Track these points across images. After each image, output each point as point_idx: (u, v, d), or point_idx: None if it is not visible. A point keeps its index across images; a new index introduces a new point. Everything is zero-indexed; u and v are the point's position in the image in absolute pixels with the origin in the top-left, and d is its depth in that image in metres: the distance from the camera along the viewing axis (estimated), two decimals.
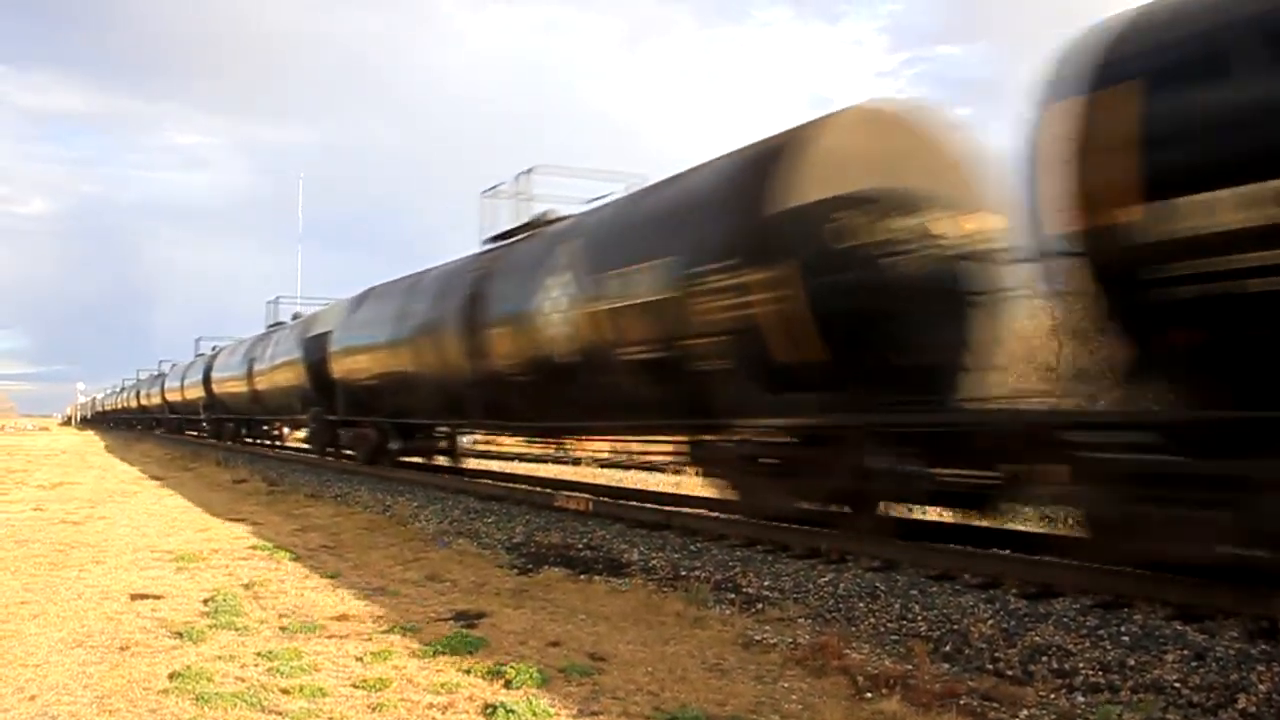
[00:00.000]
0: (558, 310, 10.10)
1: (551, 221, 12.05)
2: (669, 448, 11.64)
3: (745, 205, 7.73)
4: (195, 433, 38.54)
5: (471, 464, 17.68)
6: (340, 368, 17.31)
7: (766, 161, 7.73)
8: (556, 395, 10.72)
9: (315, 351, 19.29)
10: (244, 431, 30.03)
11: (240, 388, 26.76)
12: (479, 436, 18.99)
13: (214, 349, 35.36)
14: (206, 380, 31.67)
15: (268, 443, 29.00)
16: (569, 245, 10.36)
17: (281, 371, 22.44)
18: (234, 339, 32.23)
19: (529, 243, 11.94)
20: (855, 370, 7.16)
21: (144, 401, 51.90)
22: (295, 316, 25.37)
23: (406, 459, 16.61)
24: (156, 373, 50.38)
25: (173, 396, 40.55)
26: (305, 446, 24.62)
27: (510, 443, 22.04)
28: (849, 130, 7.69)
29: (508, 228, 13.11)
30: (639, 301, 8.77)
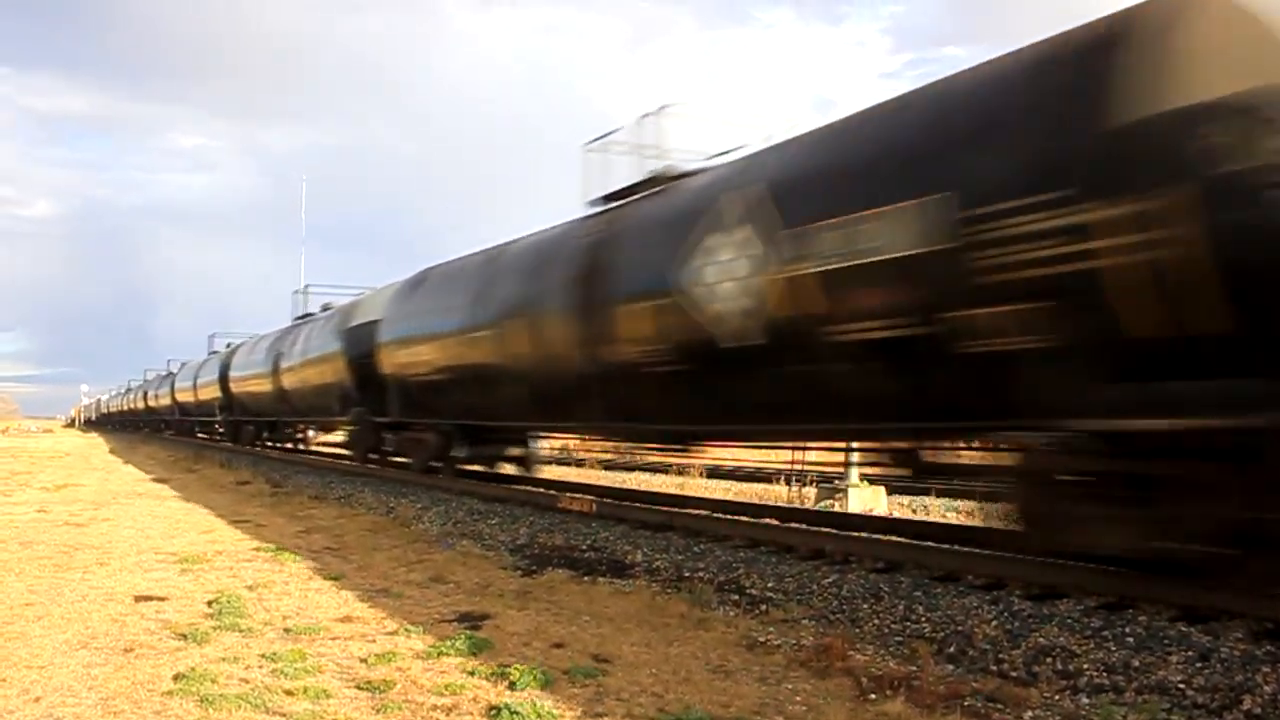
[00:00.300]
0: (730, 278, 7.53)
1: (684, 175, 9.35)
2: (865, 457, 9.03)
3: (1080, 112, 5.38)
4: (205, 435, 36.34)
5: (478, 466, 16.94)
6: (393, 362, 14.71)
7: (1108, 49, 5.42)
8: (717, 390, 8.14)
9: (359, 344, 16.82)
10: (266, 435, 26.94)
11: (264, 386, 24.09)
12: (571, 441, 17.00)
13: (229, 346, 32.53)
14: (223, 379, 28.93)
15: (289, 446, 26.43)
16: (742, 194, 7.68)
17: (315, 367, 19.73)
18: (254, 335, 29.26)
19: (665, 198, 9.19)
20: (1275, 348, 4.87)
21: (152, 403, 49.32)
22: (325, 308, 22.20)
23: (472, 467, 14.21)
24: (165, 372, 47.48)
25: (184, 397, 37.80)
26: (338, 452, 22.51)
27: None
28: (1211, 12, 5.47)
29: (628, 183, 10.06)
30: (876, 260, 6.40)
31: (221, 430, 32.42)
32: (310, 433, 25.99)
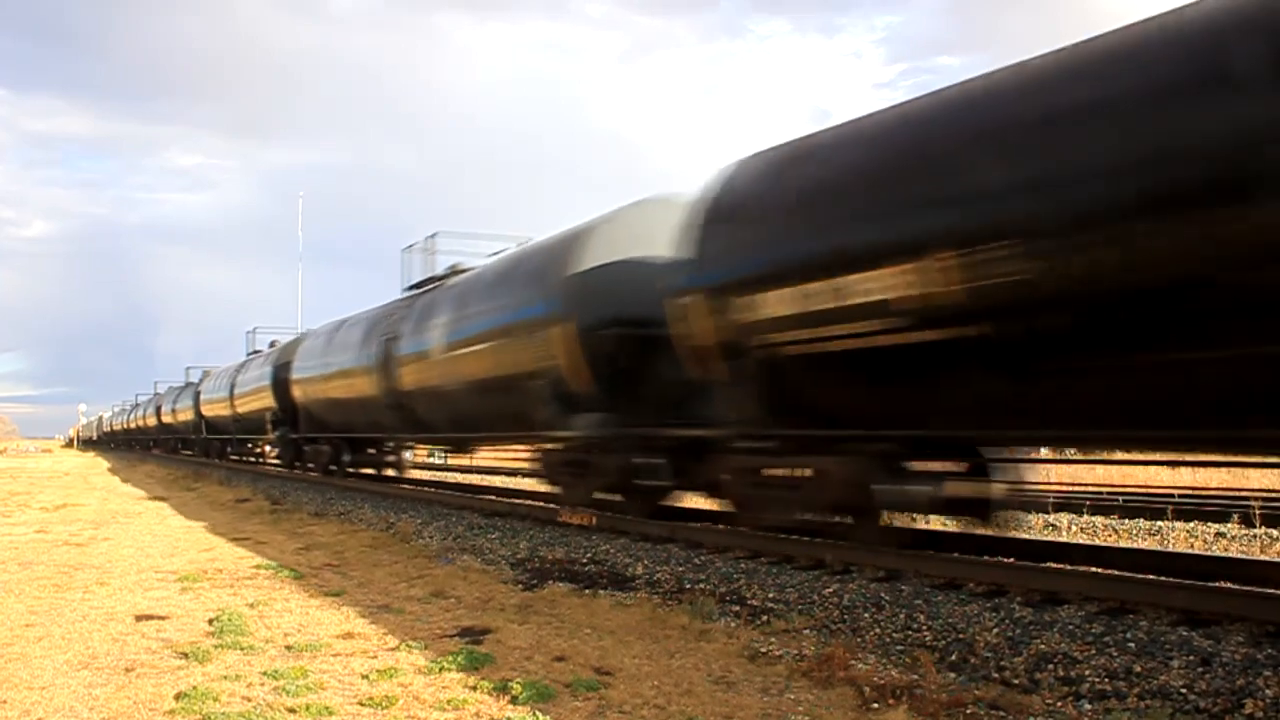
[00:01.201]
0: None
1: None
2: None
3: None
4: (238, 457, 30.64)
5: (475, 480, 15.61)
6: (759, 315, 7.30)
7: None
8: None
9: (614, 303, 9.78)
10: (348, 458, 19.01)
11: (360, 389, 16.45)
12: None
13: (273, 345, 26.20)
14: (279, 384, 22.02)
15: (368, 473, 19.08)
16: None
17: (483, 351, 11.72)
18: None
19: None
20: None
21: (167, 418, 42.12)
22: (454, 269, 14.90)
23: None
24: (184, 383, 40.91)
25: (213, 410, 30.56)
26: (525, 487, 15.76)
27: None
28: None
29: None
30: None
31: (266, 452, 26.08)
32: (407, 455, 19.19)
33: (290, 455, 22.55)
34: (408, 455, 19.24)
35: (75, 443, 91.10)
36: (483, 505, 13.02)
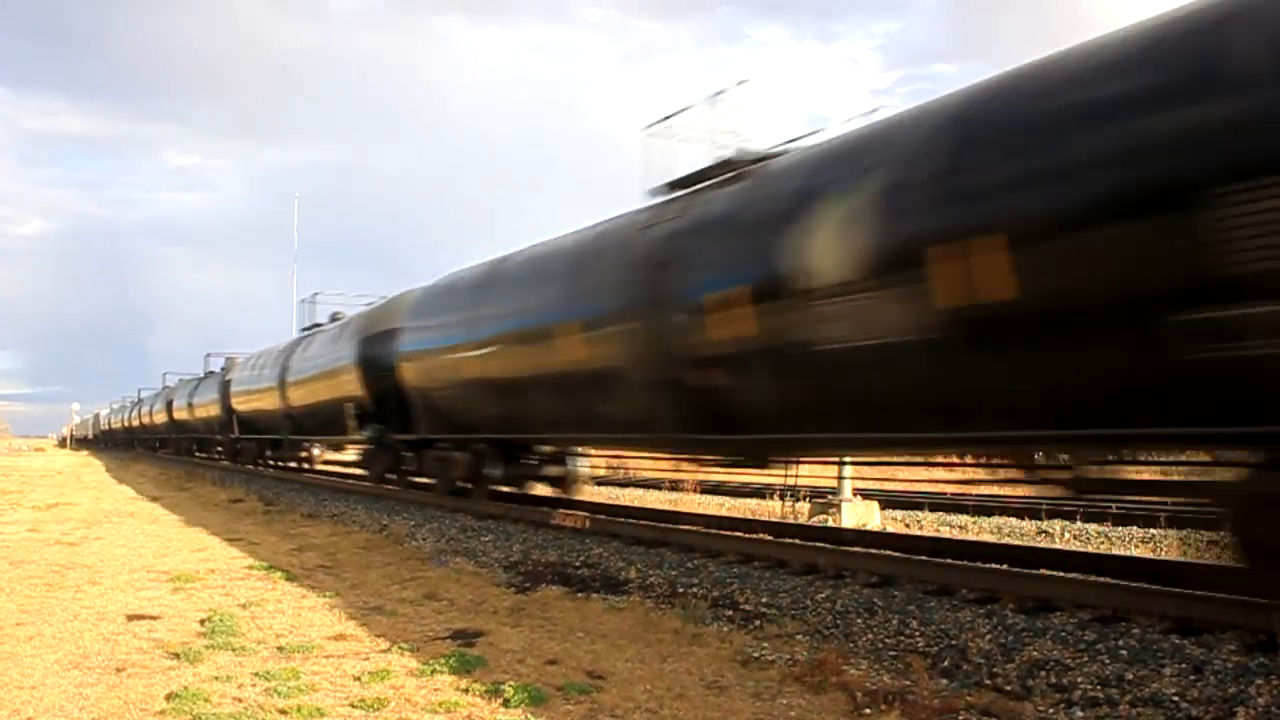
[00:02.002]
0: None
1: None
2: None
3: None
4: (278, 463, 24.04)
5: None
6: None
7: None
8: None
9: None
10: (498, 472, 12.63)
11: (566, 358, 9.81)
12: None
13: (333, 316, 20.11)
14: (370, 364, 15.76)
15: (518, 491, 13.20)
16: None
17: (1031, 260, 5.14)
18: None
19: None
20: None
21: (181, 415, 34.97)
22: (736, 163, 8.08)
23: None
24: (204, 373, 33.28)
25: (250, 403, 23.86)
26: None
27: None
28: None
29: None
30: None
31: (315, 456, 21.27)
32: (583, 466, 13.10)
33: (384, 464, 15.91)
34: (584, 467, 13.10)
35: (69, 442, 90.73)
36: (476, 508, 12.99)
